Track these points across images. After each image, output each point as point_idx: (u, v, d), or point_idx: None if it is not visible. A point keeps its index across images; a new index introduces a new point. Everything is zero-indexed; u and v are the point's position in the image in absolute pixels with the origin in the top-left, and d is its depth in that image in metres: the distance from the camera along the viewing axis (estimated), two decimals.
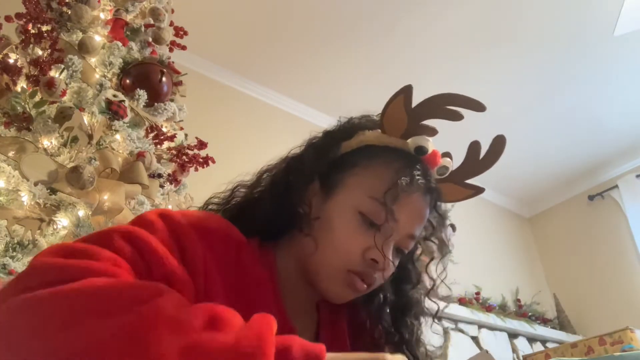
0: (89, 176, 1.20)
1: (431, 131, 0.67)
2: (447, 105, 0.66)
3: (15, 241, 1.09)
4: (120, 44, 1.54)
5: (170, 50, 1.80)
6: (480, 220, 3.78)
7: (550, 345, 3.28)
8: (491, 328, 3.09)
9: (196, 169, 1.65)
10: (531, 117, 3.28)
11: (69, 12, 1.51)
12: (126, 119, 1.43)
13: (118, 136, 1.40)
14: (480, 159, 0.70)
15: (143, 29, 1.69)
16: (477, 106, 0.66)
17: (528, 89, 3.07)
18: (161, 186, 1.53)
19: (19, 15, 1.47)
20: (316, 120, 3.08)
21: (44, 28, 1.44)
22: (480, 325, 3.04)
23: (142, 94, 1.50)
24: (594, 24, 2.67)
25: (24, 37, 1.41)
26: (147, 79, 1.55)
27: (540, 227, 4.19)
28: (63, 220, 1.17)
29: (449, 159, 0.70)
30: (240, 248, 0.62)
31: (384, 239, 0.63)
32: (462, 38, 2.72)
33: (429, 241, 0.71)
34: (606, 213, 3.76)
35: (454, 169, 0.71)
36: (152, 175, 1.47)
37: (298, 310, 0.67)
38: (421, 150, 0.67)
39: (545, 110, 3.23)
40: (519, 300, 3.50)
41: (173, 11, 1.89)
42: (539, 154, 3.61)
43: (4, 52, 1.41)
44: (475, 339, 2.96)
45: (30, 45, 1.39)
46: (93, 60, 1.50)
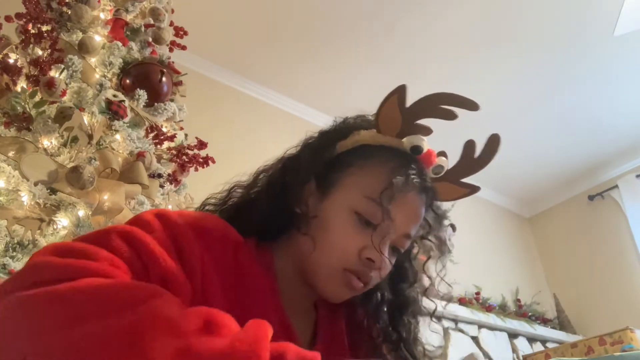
0: (89, 176, 1.20)
1: (426, 130, 0.68)
2: (442, 104, 0.66)
3: (15, 241, 1.09)
4: (120, 44, 1.54)
5: (170, 50, 1.80)
6: (480, 220, 3.78)
7: (550, 345, 3.28)
8: (491, 328, 3.09)
9: (196, 169, 1.65)
10: (531, 117, 3.28)
11: (69, 12, 1.51)
12: (126, 119, 1.43)
13: (118, 136, 1.40)
14: (475, 158, 0.71)
15: (143, 29, 1.69)
16: (471, 105, 0.65)
17: (528, 88, 3.07)
18: (161, 186, 1.53)
19: (19, 15, 1.47)
20: (316, 120, 3.08)
21: (44, 28, 1.44)
22: (480, 325, 3.04)
23: (142, 94, 1.50)
24: (594, 24, 2.67)
25: (24, 37, 1.41)
26: (147, 79, 1.55)
27: (540, 227, 4.19)
28: (63, 220, 1.17)
29: (444, 158, 0.70)
30: (237, 248, 0.62)
31: (380, 238, 0.63)
32: (462, 38, 2.72)
33: (425, 240, 0.72)
34: (606, 213, 3.76)
35: (450, 168, 0.71)
36: (152, 175, 1.47)
37: (296, 310, 0.67)
38: (416, 149, 0.67)
39: (545, 110, 3.23)
40: (519, 300, 3.50)
41: (173, 11, 1.89)
42: (539, 154, 3.61)
43: (4, 52, 1.41)
44: (475, 339, 2.96)
45: (30, 45, 1.39)
46: (93, 60, 1.50)
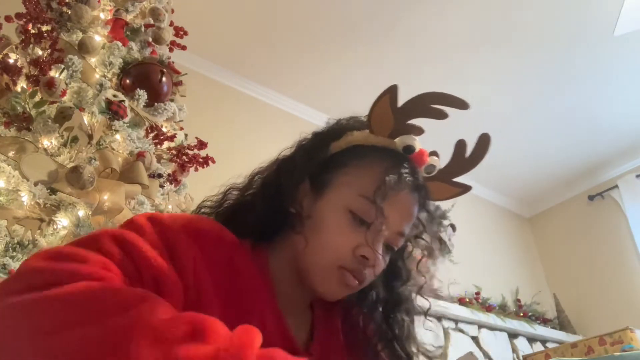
0: (89, 176, 1.20)
1: (418, 130, 0.69)
2: (432, 104, 0.67)
3: (15, 241, 1.09)
4: (120, 44, 1.54)
5: (170, 50, 1.80)
6: (480, 220, 3.78)
7: (550, 345, 3.28)
8: (491, 328, 3.09)
9: (196, 169, 1.65)
10: (531, 117, 3.28)
11: (69, 12, 1.51)
12: (126, 119, 1.43)
13: (118, 136, 1.40)
14: (466, 157, 0.72)
15: (143, 29, 1.69)
16: (461, 104, 0.66)
17: (528, 88, 3.07)
18: (161, 186, 1.53)
19: (19, 15, 1.47)
20: (316, 120, 3.08)
21: (44, 28, 1.44)
22: (480, 325, 3.04)
23: (142, 94, 1.50)
24: (594, 24, 2.67)
25: (24, 37, 1.41)
26: (147, 79, 1.55)
27: (540, 227, 4.19)
28: (63, 220, 1.17)
29: (436, 158, 0.71)
30: (233, 249, 0.63)
31: (374, 236, 0.64)
32: (462, 38, 2.72)
33: (419, 239, 0.73)
34: (606, 213, 3.76)
35: (442, 168, 0.72)
36: (152, 175, 1.47)
37: (292, 310, 0.67)
38: (409, 149, 0.68)
39: (545, 110, 3.23)
40: (519, 300, 3.50)
41: (173, 11, 1.89)
42: (539, 154, 3.61)
43: (4, 52, 1.41)
44: (475, 339, 2.96)
45: (30, 45, 1.39)
46: (93, 60, 1.50)
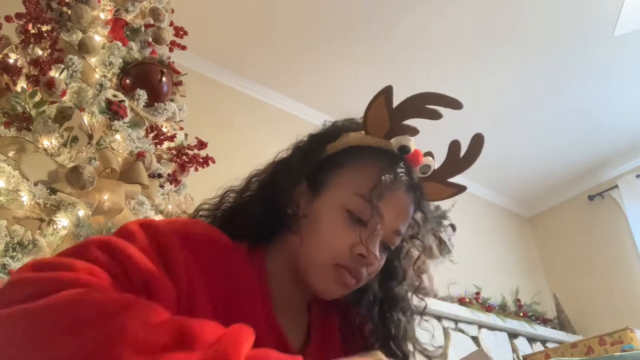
0: (89, 176, 1.20)
1: (413, 131, 0.70)
2: (427, 104, 0.68)
3: (15, 241, 1.09)
4: (120, 44, 1.54)
5: (170, 50, 1.80)
6: (480, 220, 3.78)
7: (550, 345, 3.28)
8: (491, 328, 3.09)
9: (196, 169, 1.65)
10: (531, 117, 3.28)
11: (69, 12, 1.51)
12: (126, 119, 1.43)
13: (118, 136, 1.40)
14: (460, 158, 0.72)
15: (143, 29, 1.69)
16: (454, 104, 0.67)
17: (528, 88, 3.07)
18: (161, 186, 1.53)
19: (19, 15, 1.47)
20: (316, 120, 3.07)
21: (44, 28, 1.44)
22: (480, 325, 3.04)
23: (142, 94, 1.50)
24: (594, 24, 2.67)
25: (24, 37, 1.41)
26: (147, 79, 1.55)
27: (540, 227, 4.19)
28: (63, 220, 1.17)
29: (430, 158, 0.72)
30: (228, 252, 0.63)
31: (370, 234, 0.64)
32: (462, 38, 2.72)
33: (415, 239, 0.73)
34: (606, 213, 3.76)
35: (436, 168, 0.73)
36: (152, 175, 1.47)
37: (289, 311, 0.68)
38: (404, 149, 0.69)
39: (545, 110, 3.23)
40: (519, 300, 3.50)
41: (173, 11, 1.88)
42: (539, 154, 3.61)
43: (4, 52, 1.41)
44: (475, 339, 2.96)
45: (30, 45, 1.39)
46: (93, 60, 1.50)
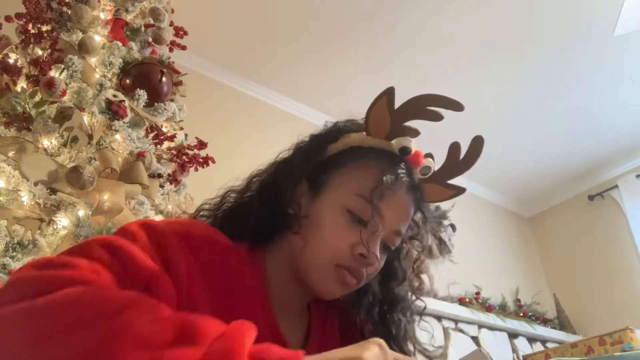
0: (89, 176, 1.20)
1: (414, 132, 0.70)
2: (428, 105, 0.68)
3: (15, 241, 1.09)
4: (120, 44, 1.54)
5: (170, 50, 1.80)
6: (480, 220, 3.78)
7: (550, 345, 3.28)
8: (491, 328, 3.09)
9: (196, 169, 1.65)
10: (531, 117, 3.28)
11: (69, 12, 1.51)
12: (126, 119, 1.43)
13: (118, 136, 1.40)
14: (460, 160, 0.73)
15: (143, 29, 1.69)
16: (456, 106, 0.68)
17: (528, 88, 3.07)
18: (161, 186, 1.53)
19: (19, 15, 1.47)
20: (316, 120, 3.07)
21: (44, 28, 1.44)
22: (480, 325, 3.04)
23: (142, 94, 1.50)
24: (594, 24, 2.67)
25: (24, 37, 1.41)
26: (147, 79, 1.55)
27: (540, 227, 4.19)
28: (63, 220, 1.17)
29: (431, 160, 0.72)
30: (227, 253, 0.63)
31: (371, 234, 0.65)
32: (462, 38, 2.72)
33: (415, 240, 0.74)
34: (606, 213, 3.76)
35: (436, 170, 0.74)
36: (152, 175, 1.47)
37: (288, 312, 0.68)
38: (405, 150, 0.69)
39: (546, 110, 3.23)
40: (519, 300, 3.50)
41: (173, 11, 1.88)
42: (539, 154, 3.61)
43: (4, 52, 1.41)
44: (475, 339, 2.96)
45: (30, 45, 1.39)
46: (93, 60, 1.50)
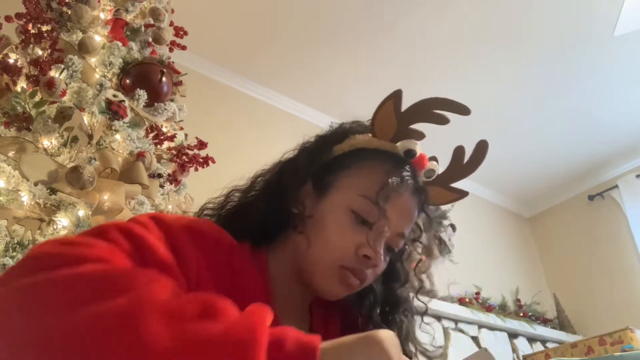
0: (89, 176, 1.20)
1: (419, 135, 0.70)
2: (434, 109, 0.68)
3: (15, 241, 1.09)
4: (120, 44, 1.54)
5: (170, 50, 1.80)
6: (480, 220, 3.78)
7: (550, 345, 3.28)
8: (491, 328, 3.09)
9: (196, 169, 1.65)
10: (531, 117, 3.28)
11: (69, 12, 1.51)
12: (126, 119, 1.42)
13: (118, 136, 1.40)
14: (464, 164, 0.73)
15: (143, 29, 1.69)
16: (463, 110, 0.68)
17: (528, 88, 3.07)
18: (161, 186, 1.53)
19: (19, 15, 1.47)
20: (316, 120, 3.08)
21: (44, 28, 1.44)
22: (480, 325, 3.04)
23: (142, 94, 1.50)
24: (594, 24, 2.67)
25: (24, 37, 1.41)
26: (147, 79, 1.55)
27: (540, 227, 4.19)
28: (63, 220, 1.17)
29: (435, 163, 0.73)
30: (231, 252, 0.63)
31: (376, 236, 0.65)
32: (462, 38, 2.72)
33: (417, 242, 0.74)
34: (606, 213, 3.76)
35: (440, 173, 0.74)
36: (152, 175, 1.47)
37: (290, 312, 0.67)
38: (410, 153, 0.70)
39: (545, 110, 3.23)
40: (519, 300, 3.50)
41: (173, 11, 1.88)
42: (539, 154, 3.61)
43: (4, 52, 1.41)
44: (475, 339, 2.96)
45: (30, 45, 1.39)
46: (93, 60, 1.50)
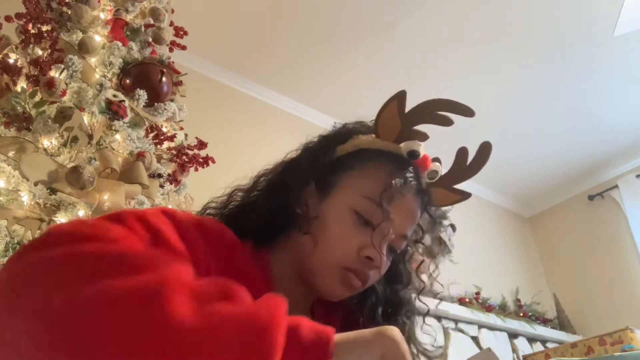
0: (89, 176, 1.20)
1: (422, 136, 0.70)
2: (438, 110, 0.68)
3: (15, 241, 1.09)
4: (120, 44, 1.54)
5: (170, 50, 1.80)
6: (480, 220, 3.78)
7: (550, 345, 3.28)
8: (491, 328, 3.09)
9: (196, 169, 1.65)
10: (531, 117, 3.28)
11: (69, 12, 1.51)
12: (126, 119, 1.42)
13: (118, 136, 1.40)
14: (467, 165, 0.73)
15: (143, 29, 1.69)
16: (467, 112, 0.68)
17: (528, 88, 3.07)
18: (161, 186, 1.53)
19: (19, 15, 1.47)
20: (316, 120, 3.08)
21: (44, 28, 1.44)
22: (480, 325, 3.04)
23: (142, 94, 1.50)
24: (594, 24, 2.67)
25: (24, 37, 1.41)
26: (147, 79, 1.55)
27: (540, 227, 4.19)
28: (63, 221, 1.17)
29: (438, 164, 0.73)
30: (234, 250, 0.63)
31: (379, 237, 0.65)
32: (462, 38, 2.72)
33: (419, 243, 0.74)
34: (606, 213, 3.76)
35: (443, 174, 0.74)
36: (152, 175, 1.47)
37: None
38: (413, 154, 0.70)
39: (545, 110, 3.23)
40: (519, 300, 3.50)
41: (173, 11, 1.88)
42: (539, 154, 3.61)
43: (4, 52, 1.41)
44: (475, 339, 2.96)
45: (30, 45, 1.39)
46: (93, 60, 1.50)
